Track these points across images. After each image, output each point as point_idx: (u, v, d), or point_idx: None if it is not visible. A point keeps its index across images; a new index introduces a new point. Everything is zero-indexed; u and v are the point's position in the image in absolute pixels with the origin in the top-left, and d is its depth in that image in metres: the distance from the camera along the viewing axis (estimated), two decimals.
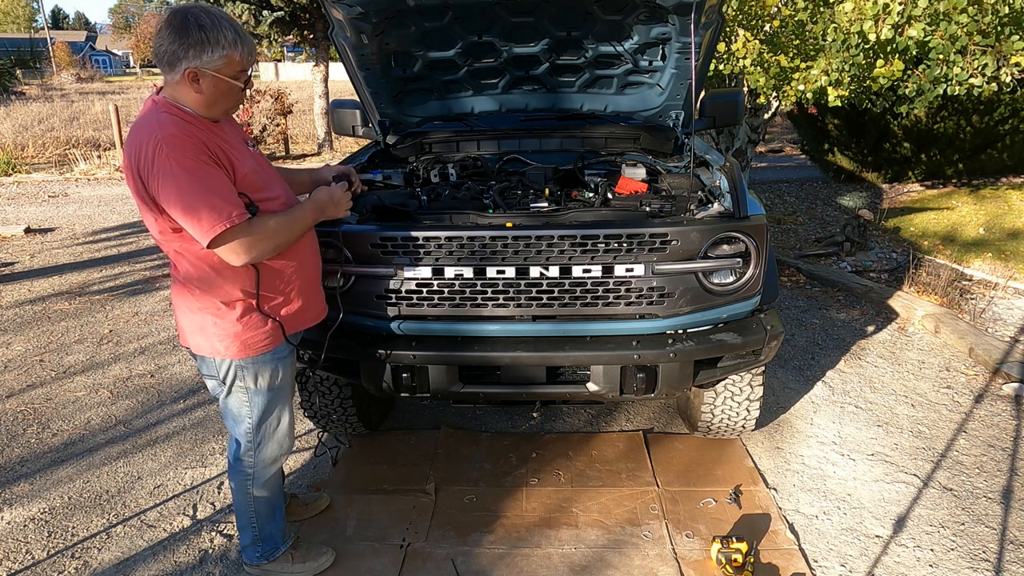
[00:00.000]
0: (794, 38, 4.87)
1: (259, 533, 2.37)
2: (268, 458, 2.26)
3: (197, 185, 1.78)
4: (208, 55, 1.78)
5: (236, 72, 1.85)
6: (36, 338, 4.60)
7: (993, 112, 7.57)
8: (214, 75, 1.81)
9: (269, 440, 2.24)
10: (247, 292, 2.00)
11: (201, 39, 1.76)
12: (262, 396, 2.16)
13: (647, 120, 3.41)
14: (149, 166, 1.77)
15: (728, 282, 2.46)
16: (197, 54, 1.77)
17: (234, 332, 2.02)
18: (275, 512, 2.39)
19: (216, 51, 1.78)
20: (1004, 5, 3.90)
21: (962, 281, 5.29)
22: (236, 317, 2.01)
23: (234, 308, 2.00)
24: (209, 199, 1.78)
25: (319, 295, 2.27)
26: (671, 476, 2.97)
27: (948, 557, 2.51)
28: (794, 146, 12.72)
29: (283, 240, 1.98)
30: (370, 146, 3.42)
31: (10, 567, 2.51)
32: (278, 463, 2.32)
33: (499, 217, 2.50)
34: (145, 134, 1.79)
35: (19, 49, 25.64)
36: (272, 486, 2.34)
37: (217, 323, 2.01)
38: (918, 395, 3.68)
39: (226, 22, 1.81)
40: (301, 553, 2.44)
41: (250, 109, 12.11)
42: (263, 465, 2.27)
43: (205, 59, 1.78)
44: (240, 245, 1.86)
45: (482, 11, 2.83)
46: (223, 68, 1.81)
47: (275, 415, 2.22)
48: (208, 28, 1.77)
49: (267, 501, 2.34)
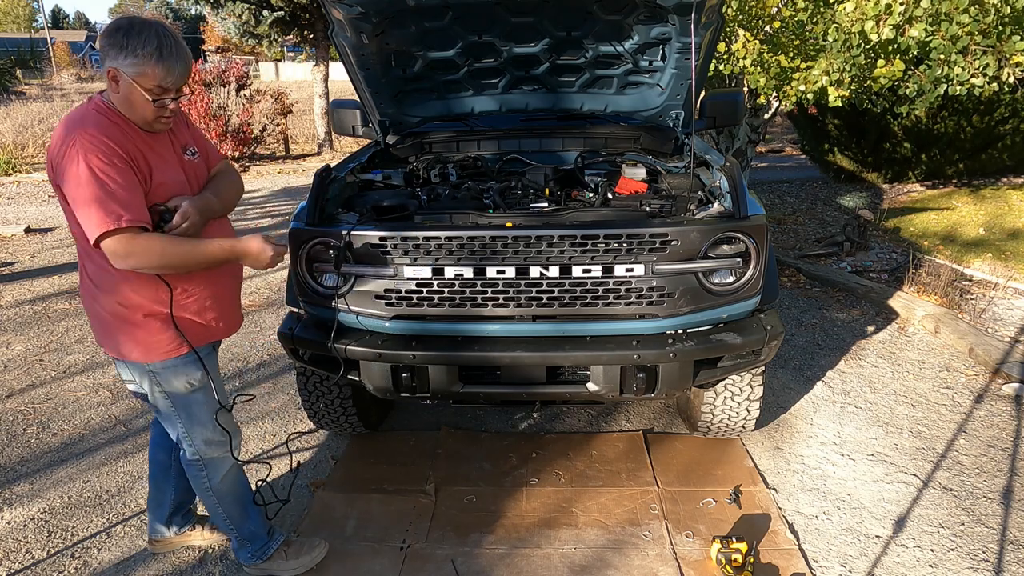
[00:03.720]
0: (794, 38, 4.86)
1: (240, 534, 2.37)
2: (213, 452, 2.25)
3: (95, 182, 1.79)
4: (122, 59, 1.82)
5: (151, 86, 1.85)
6: (36, 338, 4.60)
7: (993, 112, 7.56)
8: (130, 81, 1.84)
9: (206, 437, 2.22)
10: (150, 297, 1.99)
11: (121, 43, 1.81)
12: (183, 397, 2.15)
13: (647, 120, 3.41)
14: (61, 158, 1.82)
15: (728, 282, 2.46)
16: (115, 55, 1.83)
17: (138, 336, 2.02)
18: (246, 510, 2.38)
19: (130, 57, 1.81)
20: (1005, 5, 3.90)
21: (962, 281, 5.29)
22: (139, 321, 2.01)
23: (137, 312, 2.00)
24: (103, 198, 1.80)
25: (232, 309, 2.24)
26: (671, 476, 2.97)
27: (948, 557, 2.51)
28: (794, 146, 12.72)
29: (173, 263, 1.94)
30: (370, 146, 3.42)
31: (10, 567, 2.51)
32: (227, 457, 2.29)
33: (499, 217, 2.50)
34: (66, 127, 1.85)
35: (19, 49, 25.67)
36: (232, 482, 2.33)
37: (121, 327, 2.02)
38: (918, 395, 3.68)
39: (154, 38, 1.82)
40: (295, 548, 2.44)
41: (250, 109, 12.10)
42: (212, 462, 2.26)
43: (120, 62, 1.82)
44: (121, 249, 1.84)
45: (482, 11, 2.83)
46: (137, 78, 1.83)
47: (205, 409, 2.20)
48: (133, 35, 1.81)
49: (233, 500, 2.34)
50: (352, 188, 3.01)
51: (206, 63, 13.44)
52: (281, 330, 2.67)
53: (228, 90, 12.02)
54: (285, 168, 12.22)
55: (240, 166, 11.94)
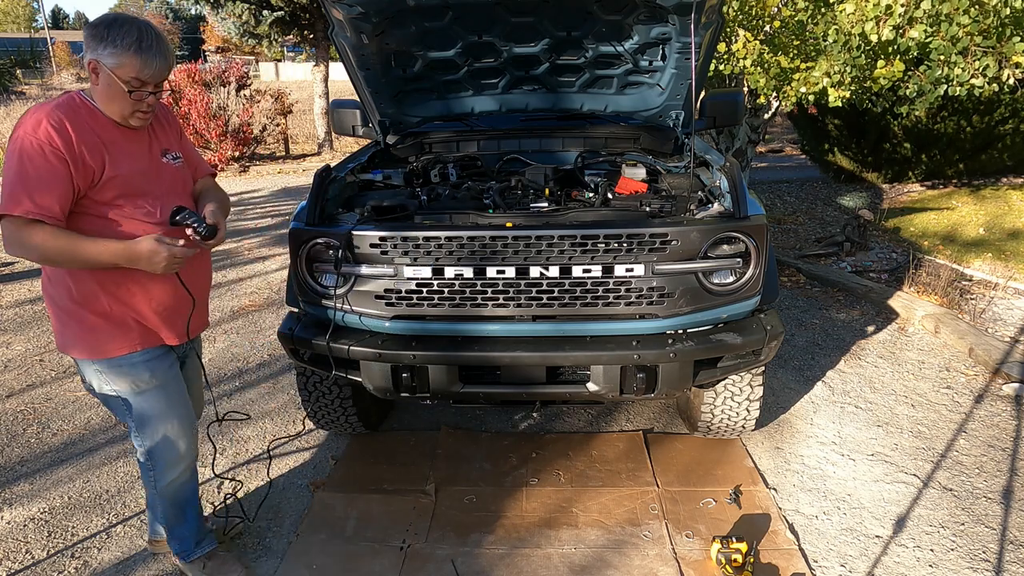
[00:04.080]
0: (794, 39, 4.86)
1: (171, 531, 2.37)
2: (162, 459, 2.22)
3: (16, 166, 1.81)
4: (102, 49, 1.83)
5: (129, 78, 1.86)
6: (36, 338, 4.60)
7: (993, 112, 7.56)
8: (109, 72, 1.85)
9: (155, 441, 2.19)
10: (88, 292, 1.98)
11: (101, 34, 1.84)
12: (131, 399, 2.12)
13: (647, 120, 3.41)
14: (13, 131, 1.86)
15: (728, 282, 2.46)
16: (94, 46, 1.85)
17: (79, 333, 2.02)
18: (184, 515, 2.35)
19: (109, 48, 1.83)
20: (1005, 7, 3.90)
21: (962, 281, 5.29)
22: (81, 317, 2.01)
23: (80, 307, 2.00)
24: (15, 181, 1.81)
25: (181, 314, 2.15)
26: (671, 476, 2.97)
27: (948, 557, 2.51)
28: (794, 146, 12.72)
29: (53, 259, 1.90)
30: (370, 146, 3.42)
31: (10, 567, 2.51)
32: (178, 466, 2.25)
33: (499, 217, 2.50)
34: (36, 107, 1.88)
35: (19, 49, 25.60)
36: (178, 488, 2.30)
37: (67, 321, 2.03)
38: (918, 395, 3.68)
39: (134, 31, 1.84)
40: (214, 564, 2.41)
41: (250, 109, 12.11)
42: (161, 467, 2.23)
43: (100, 52, 1.84)
44: (8, 234, 1.85)
45: (482, 11, 2.83)
46: (116, 69, 1.84)
47: (156, 417, 2.16)
48: (113, 28, 1.84)
49: (173, 502, 2.31)
50: (352, 188, 3.01)
51: (206, 63, 13.44)
52: (281, 330, 2.67)
53: (228, 90, 12.02)
54: (285, 168, 12.22)
55: (240, 166, 11.95)
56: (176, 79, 11.93)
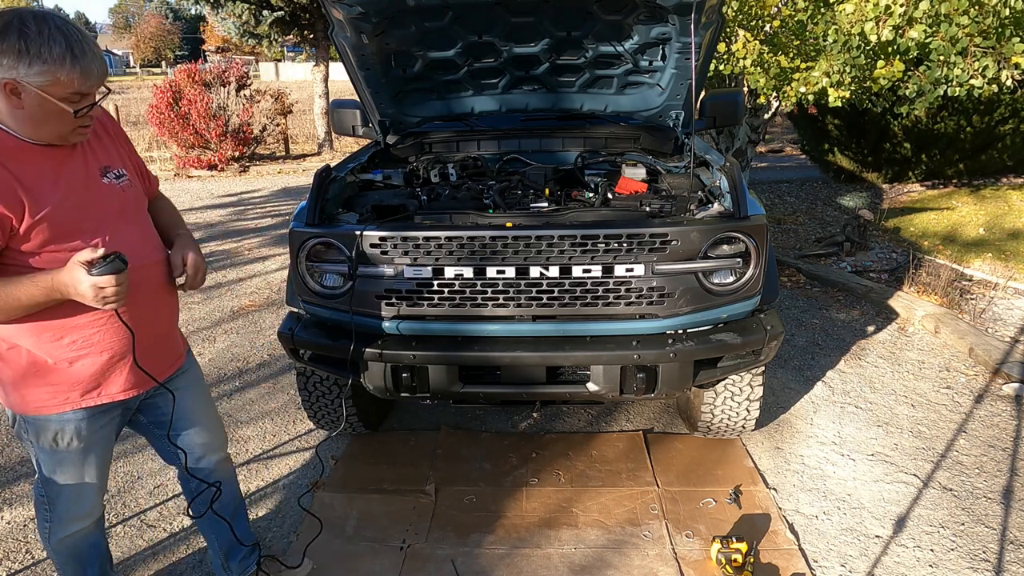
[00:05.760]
0: (794, 39, 4.87)
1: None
2: (62, 517, 1.94)
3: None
4: (25, 67, 1.49)
5: (66, 93, 1.54)
6: None
7: (993, 112, 7.56)
8: (38, 92, 1.51)
9: (59, 501, 1.92)
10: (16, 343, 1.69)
11: (19, 48, 1.48)
12: (45, 455, 1.85)
13: (647, 120, 3.41)
14: None
15: (728, 282, 2.46)
16: (13, 64, 1.49)
17: (9, 381, 1.74)
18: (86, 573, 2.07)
19: (35, 65, 1.49)
20: (1005, 7, 3.90)
21: (962, 281, 5.29)
22: (9, 366, 1.72)
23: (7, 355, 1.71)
24: None
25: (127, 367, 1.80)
26: (671, 476, 2.97)
27: (948, 557, 2.51)
28: (794, 146, 12.72)
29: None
30: (370, 146, 3.42)
31: (10, 567, 2.51)
32: (81, 522, 1.98)
33: (499, 217, 2.50)
34: None
35: None
36: (74, 547, 2.01)
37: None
38: (918, 395, 3.68)
39: (60, 36, 1.50)
40: None
41: (250, 109, 12.11)
42: (59, 522, 1.96)
43: (22, 71, 1.49)
44: None
45: (482, 11, 2.83)
46: (47, 87, 1.51)
47: (66, 478, 1.87)
48: (31, 37, 1.48)
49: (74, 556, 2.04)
50: (352, 188, 3.01)
51: (206, 63, 13.44)
52: (281, 330, 2.67)
53: (228, 90, 12.02)
54: (285, 168, 12.22)
55: (240, 166, 11.95)
56: (176, 79, 11.94)
